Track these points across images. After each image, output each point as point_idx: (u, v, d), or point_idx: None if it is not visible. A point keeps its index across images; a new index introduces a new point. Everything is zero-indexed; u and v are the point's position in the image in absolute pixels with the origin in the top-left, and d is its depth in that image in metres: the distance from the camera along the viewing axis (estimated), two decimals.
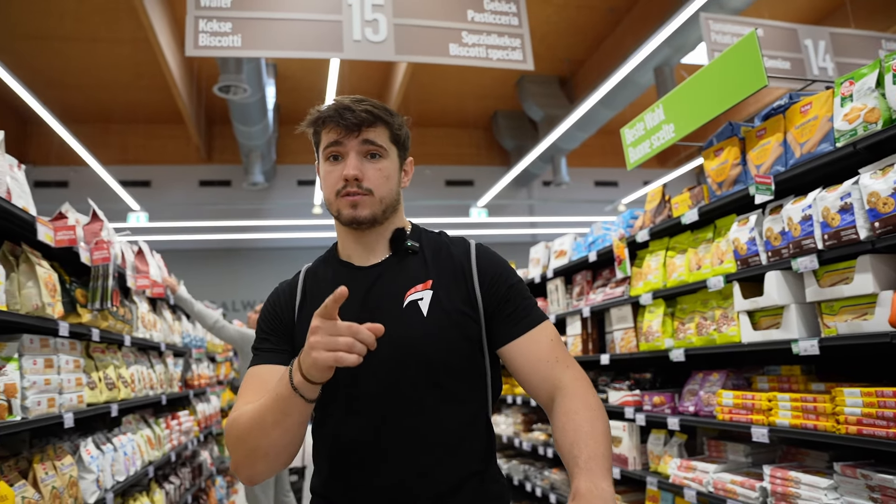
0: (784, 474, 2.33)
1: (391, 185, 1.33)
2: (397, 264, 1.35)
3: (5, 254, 2.25)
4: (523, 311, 1.31)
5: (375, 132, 1.30)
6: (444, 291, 1.30)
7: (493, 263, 1.36)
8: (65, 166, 12.66)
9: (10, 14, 9.41)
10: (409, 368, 1.25)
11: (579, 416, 1.18)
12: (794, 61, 5.05)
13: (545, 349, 1.29)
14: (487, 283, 1.32)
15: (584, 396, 1.22)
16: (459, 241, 1.42)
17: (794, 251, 2.29)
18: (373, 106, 1.30)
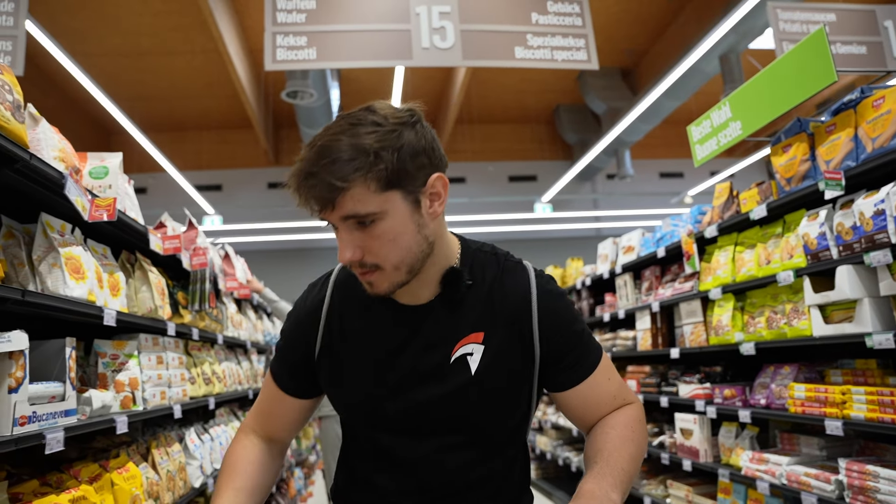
0: (861, 468, 2.35)
1: (403, 244, 1.05)
2: (448, 305, 1.15)
3: (123, 262, 2.51)
4: (583, 356, 1.19)
5: (354, 199, 1.00)
6: (497, 344, 1.14)
7: (555, 309, 1.18)
8: (144, 173, 13.40)
9: (96, 33, 10.04)
10: (452, 432, 1.15)
11: (614, 431, 1.16)
12: (872, 45, 4.88)
13: (604, 391, 1.21)
14: (549, 332, 1.17)
15: (627, 418, 1.19)
16: (517, 272, 1.20)
17: (866, 245, 2.31)
18: (331, 170, 0.97)
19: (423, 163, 1.05)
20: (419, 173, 1.04)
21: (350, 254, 1.05)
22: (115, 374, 2.30)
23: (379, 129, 1.01)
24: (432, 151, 1.07)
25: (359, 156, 0.98)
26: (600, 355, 1.22)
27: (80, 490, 1.87)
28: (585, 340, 1.20)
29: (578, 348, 1.19)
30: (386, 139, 1.00)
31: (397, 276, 1.07)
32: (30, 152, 1.59)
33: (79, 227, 2.09)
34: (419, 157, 1.04)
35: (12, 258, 1.81)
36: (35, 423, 1.64)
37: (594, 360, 1.20)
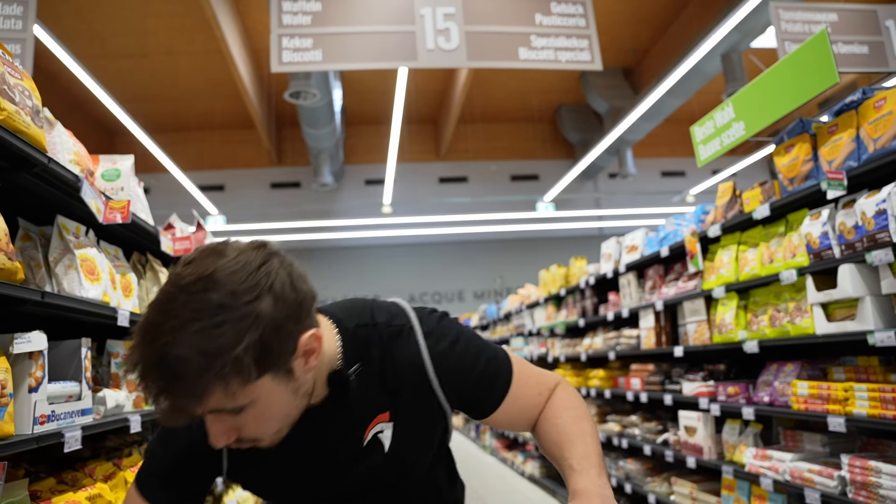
0: (863, 463, 2.38)
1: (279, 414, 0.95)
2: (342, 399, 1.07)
3: (135, 263, 2.55)
4: (494, 383, 1.15)
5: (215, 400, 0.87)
6: (405, 415, 1.12)
7: (453, 366, 1.12)
8: (147, 174, 13.43)
9: (100, 35, 10.09)
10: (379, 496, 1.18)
11: (561, 419, 1.14)
12: (873, 45, 4.90)
13: (528, 398, 1.18)
14: (453, 388, 1.13)
15: (565, 401, 1.18)
16: (402, 340, 1.10)
17: (868, 244, 2.34)
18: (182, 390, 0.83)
19: (290, 331, 0.91)
20: (287, 345, 0.91)
21: (223, 440, 0.93)
22: (128, 374, 2.34)
23: (228, 318, 0.83)
24: (297, 308, 0.92)
25: (211, 365, 0.82)
26: (510, 370, 1.17)
27: (96, 488, 1.90)
28: (492, 370, 1.15)
29: (487, 380, 1.15)
30: (240, 330, 0.84)
31: (279, 434, 0.99)
32: (48, 156, 1.63)
33: (92, 229, 2.13)
34: (284, 329, 0.89)
35: (29, 260, 1.85)
36: (54, 423, 1.68)
37: (506, 380, 1.16)
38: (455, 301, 15.44)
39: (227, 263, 0.88)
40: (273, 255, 0.94)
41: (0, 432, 1.38)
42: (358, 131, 14.66)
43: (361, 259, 15.41)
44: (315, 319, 0.98)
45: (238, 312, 0.84)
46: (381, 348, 1.09)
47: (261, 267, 0.90)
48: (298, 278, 0.95)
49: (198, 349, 0.81)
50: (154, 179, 13.78)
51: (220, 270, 0.86)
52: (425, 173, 14.98)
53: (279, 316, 0.88)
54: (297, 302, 0.92)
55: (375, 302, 1.16)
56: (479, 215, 14.21)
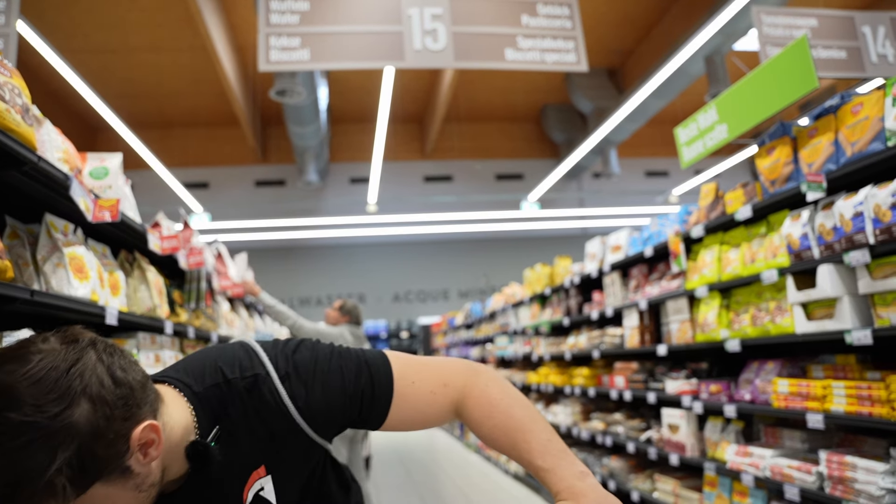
0: (840, 459, 2.44)
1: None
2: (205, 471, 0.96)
3: (122, 261, 2.54)
4: (371, 398, 1.06)
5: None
6: (281, 464, 1.04)
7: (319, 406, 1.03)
8: (130, 170, 13.29)
9: (83, 30, 9.98)
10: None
11: (497, 410, 1.05)
12: (851, 50, 5.00)
13: (422, 398, 1.08)
14: (325, 424, 1.04)
15: (486, 391, 1.07)
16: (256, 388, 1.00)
17: (846, 246, 2.39)
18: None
19: (116, 433, 0.81)
20: (115, 448, 0.81)
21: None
22: None
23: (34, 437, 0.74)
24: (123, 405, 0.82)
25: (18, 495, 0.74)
26: (389, 376, 1.08)
27: None
28: (364, 384, 1.06)
29: (363, 398, 1.06)
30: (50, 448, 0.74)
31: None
32: (38, 155, 1.63)
33: (80, 227, 2.12)
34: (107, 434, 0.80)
35: (17, 258, 1.84)
36: None
37: (386, 389, 1.07)
38: (440, 300, 15.47)
39: (30, 371, 0.77)
40: (87, 348, 0.83)
41: None
42: (343, 129, 14.63)
43: (346, 258, 15.39)
44: (152, 404, 0.89)
45: (46, 429, 0.74)
46: (240, 404, 0.99)
47: (71, 369, 0.79)
48: (121, 368, 0.85)
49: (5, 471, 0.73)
50: (138, 176, 13.56)
51: (19, 382, 0.76)
52: (410, 172, 14.99)
53: (100, 421, 0.79)
54: (121, 398, 0.82)
55: (221, 354, 1.04)
56: (464, 214, 14.25)
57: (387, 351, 1.11)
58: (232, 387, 0.99)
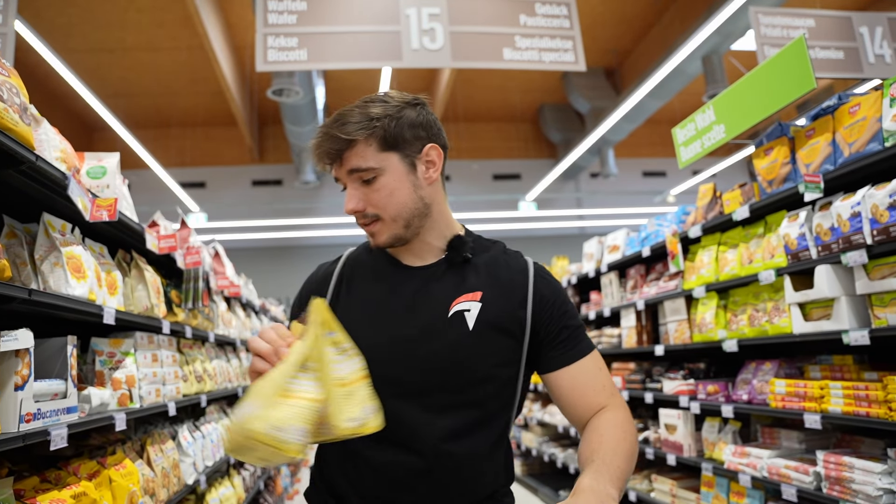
0: (837, 459, 2.44)
1: (400, 199, 1.20)
2: (448, 269, 1.27)
3: (119, 261, 2.53)
4: (575, 338, 1.27)
5: (357, 155, 1.18)
6: (493, 305, 1.23)
7: (550, 286, 1.29)
8: (127, 170, 13.26)
9: (80, 29, 9.95)
10: (446, 384, 1.19)
11: (607, 433, 1.18)
12: (849, 50, 5.00)
13: (594, 378, 1.26)
14: (542, 306, 1.26)
15: (618, 418, 1.22)
16: (516, 256, 1.34)
17: (843, 246, 2.40)
18: (341, 128, 1.17)
19: (420, 134, 1.23)
20: (415, 142, 1.22)
21: (354, 204, 1.21)
22: (112, 372, 2.33)
23: (385, 104, 1.21)
24: (430, 127, 1.25)
25: (363, 120, 1.18)
26: (592, 347, 1.29)
27: (81, 486, 1.90)
28: (577, 327, 1.29)
29: (570, 331, 1.27)
30: (388, 110, 1.20)
31: (395, 228, 1.22)
32: (36, 154, 1.62)
33: (77, 227, 2.12)
34: (416, 129, 1.22)
35: (14, 257, 1.84)
36: (39, 420, 1.67)
37: (586, 347, 1.28)
38: None
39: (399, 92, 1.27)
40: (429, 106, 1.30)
41: None
42: None
43: None
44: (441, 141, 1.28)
45: (392, 104, 1.22)
46: (494, 254, 1.32)
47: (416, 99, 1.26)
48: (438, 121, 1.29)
49: (360, 112, 1.19)
50: (135, 176, 13.52)
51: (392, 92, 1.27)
52: None
53: (416, 120, 1.22)
54: (431, 123, 1.26)
55: None
56: (462, 214, 14.22)
57: None
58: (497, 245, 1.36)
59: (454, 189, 14.73)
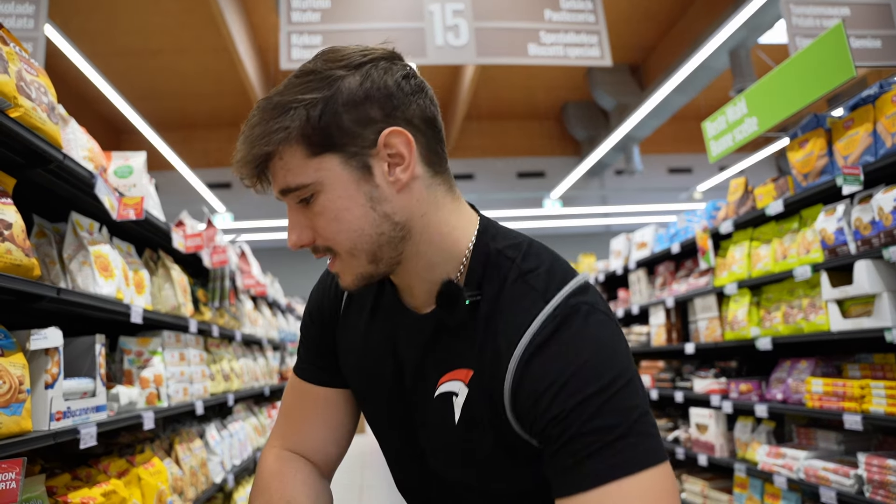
0: (881, 462, 2.36)
1: (351, 224, 0.83)
2: (445, 324, 0.89)
3: (147, 259, 2.54)
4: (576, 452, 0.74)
5: (282, 169, 0.82)
6: (480, 391, 0.86)
7: (551, 363, 0.78)
8: (154, 171, 13.43)
9: (108, 34, 10.10)
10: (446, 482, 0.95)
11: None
12: (887, 39, 4.84)
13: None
14: (524, 398, 0.80)
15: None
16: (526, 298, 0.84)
17: (885, 240, 2.31)
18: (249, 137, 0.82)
19: (369, 116, 0.81)
20: (363, 130, 0.81)
21: (296, 236, 0.87)
22: (140, 371, 2.34)
23: (311, 79, 0.82)
24: (387, 98, 0.82)
25: (278, 115, 0.80)
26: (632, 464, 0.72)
27: (111, 484, 1.90)
28: (584, 434, 0.74)
29: (564, 440, 0.75)
30: (311, 89, 0.81)
31: (357, 266, 0.86)
32: (63, 153, 1.62)
33: (105, 226, 2.12)
34: (361, 108, 0.81)
35: (44, 256, 1.84)
36: (69, 419, 1.68)
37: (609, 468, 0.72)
38: None
39: (352, 46, 0.86)
40: (396, 59, 0.86)
41: (18, 428, 1.37)
42: None
43: None
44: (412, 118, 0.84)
45: (320, 75, 0.81)
46: (509, 283, 0.86)
47: (368, 52, 0.85)
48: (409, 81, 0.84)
49: (274, 101, 0.82)
50: (162, 177, 13.69)
51: (334, 50, 0.86)
52: None
53: (359, 93, 0.81)
54: (388, 92, 0.82)
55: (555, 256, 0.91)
56: (486, 212, 14.12)
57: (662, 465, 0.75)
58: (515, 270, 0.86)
59: (479, 187, 14.70)
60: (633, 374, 0.79)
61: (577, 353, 0.77)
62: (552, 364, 0.78)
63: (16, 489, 1.27)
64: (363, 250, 0.84)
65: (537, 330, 0.80)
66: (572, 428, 0.74)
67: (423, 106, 0.85)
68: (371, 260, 0.85)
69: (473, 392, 0.86)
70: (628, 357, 0.81)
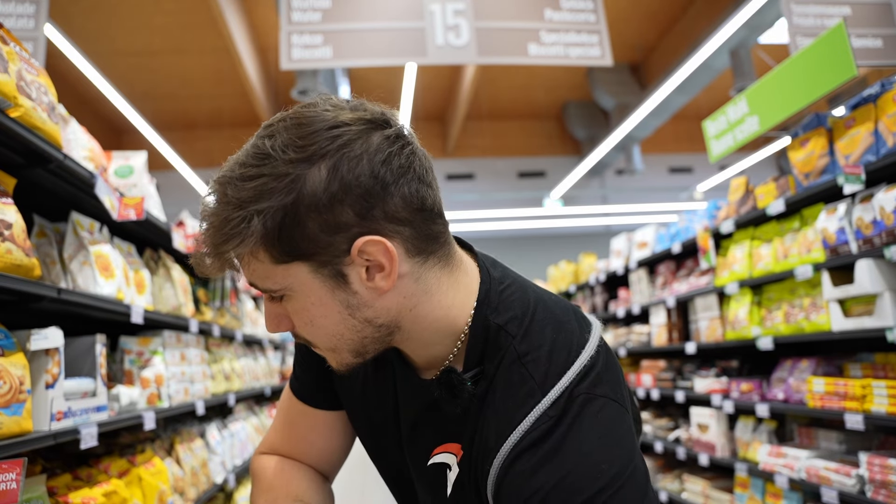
0: (883, 462, 2.35)
1: (327, 328, 0.77)
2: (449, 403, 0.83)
3: (147, 259, 2.54)
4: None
5: (247, 268, 0.75)
6: (469, 470, 0.82)
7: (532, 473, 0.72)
8: (155, 171, 13.42)
9: (108, 34, 10.10)
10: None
11: None
12: (888, 38, 4.83)
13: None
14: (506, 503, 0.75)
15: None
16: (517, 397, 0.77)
17: (886, 240, 2.31)
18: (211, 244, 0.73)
19: (338, 221, 0.70)
20: (332, 237, 0.71)
21: (273, 326, 0.79)
22: (141, 371, 2.34)
23: (266, 172, 0.70)
24: (361, 199, 0.70)
25: (232, 219, 0.70)
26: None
27: (111, 485, 1.90)
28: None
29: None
30: (269, 192, 0.69)
31: (342, 358, 0.81)
32: (63, 153, 1.62)
33: (106, 226, 2.12)
34: (328, 213, 0.70)
35: (44, 256, 1.84)
36: (70, 419, 1.67)
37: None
38: None
39: (304, 112, 0.74)
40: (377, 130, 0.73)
41: (19, 429, 1.37)
42: None
43: None
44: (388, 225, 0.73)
45: (278, 169, 0.70)
46: (506, 362, 0.80)
47: (339, 128, 0.71)
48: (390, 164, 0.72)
49: (230, 198, 0.71)
50: (163, 177, 13.68)
51: (291, 116, 0.74)
52: None
53: (326, 194, 0.69)
54: (366, 190, 0.70)
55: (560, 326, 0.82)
56: (487, 212, 14.16)
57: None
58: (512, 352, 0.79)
59: (479, 187, 14.70)
60: (634, 472, 0.72)
61: (567, 457, 0.71)
62: (540, 468, 0.72)
63: (16, 489, 1.27)
64: (345, 349, 0.79)
65: (528, 429, 0.74)
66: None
67: (409, 193, 0.73)
68: (356, 355, 0.80)
69: (463, 473, 0.82)
70: (630, 452, 0.74)
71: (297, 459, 1.01)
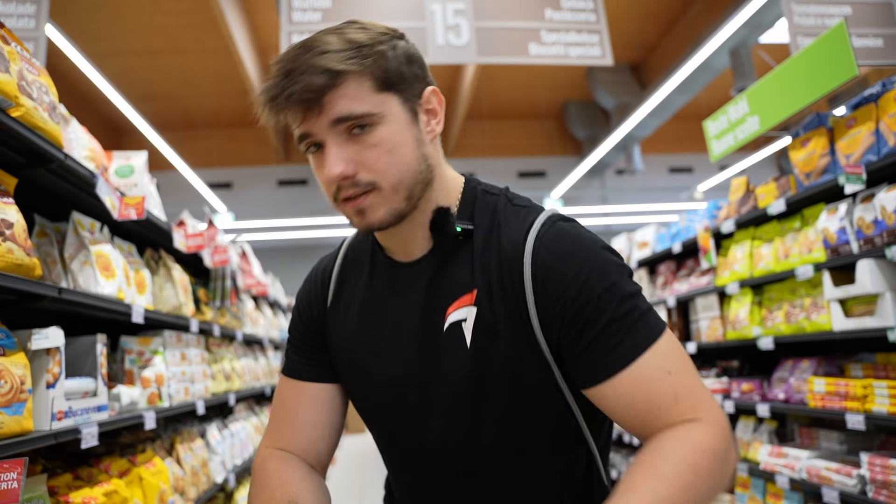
0: (884, 462, 2.35)
1: (404, 157, 0.88)
2: (440, 261, 0.95)
3: (148, 259, 2.54)
4: (610, 338, 0.83)
5: (347, 96, 0.84)
6: (490, 308, 0.90)
7: (559, 264, 0.86)
8: (155, 171, 13.41)
9: (108, 34, 10.11)
10: (460, 420, 0.93)
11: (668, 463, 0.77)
12: (889, 38, 4.83)
13: (655, 389, 0.82)
14: (546, 297, 0.86)
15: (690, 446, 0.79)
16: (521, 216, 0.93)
17: (888, 240, 2.31)
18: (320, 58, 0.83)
19: (417, 72, 0.92)
20: (415, 82, 0.92)
21: (342, 166, 0.85)
22: (142, 371, 2.34)
23: (369, 30, 0.89)
24: (423, 64, 0.95)
25: (352, 48, 0.85)
26: (645, 344, 0.83)
27: (112, 484, 1.90)
28: (612, 322, 0.83)
29: (598, 329, 0.83)
30: (379, 38, 0.88)
31: (395, 201, 0.88)
32: (64, 152, 1.62)
33: (106, 225, 2.12)
34: (412, 65, 0.91)
35: (45, 256, 1.84)
36: (71, 419, 1.67)
37: (631, 348, 0.82)
38: None
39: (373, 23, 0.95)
40: None
41: (20, 428, 1.37)
42: None
43: None
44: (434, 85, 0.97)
45: (378, 30, 0.90)
46: (492, 222, 0.94)
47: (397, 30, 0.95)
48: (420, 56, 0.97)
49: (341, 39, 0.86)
50: (163, 177, 13.64)
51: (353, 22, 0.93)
52: None
53: (411, 51, 0.92)
54: (422, 62, 0.95)
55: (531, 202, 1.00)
56: None
57: None
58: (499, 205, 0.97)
59: None
60: None
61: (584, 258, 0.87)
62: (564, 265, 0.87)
63: (17, 489, 1.26)
64: (406, 185, 0.89)
65: (535, 238, 0.89)
66: (607, 313, 0.84)
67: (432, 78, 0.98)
68: (408, 196, 0.90)
69: (483, 307, 0.90)
70: None
71: (291, 445, 1.05)
